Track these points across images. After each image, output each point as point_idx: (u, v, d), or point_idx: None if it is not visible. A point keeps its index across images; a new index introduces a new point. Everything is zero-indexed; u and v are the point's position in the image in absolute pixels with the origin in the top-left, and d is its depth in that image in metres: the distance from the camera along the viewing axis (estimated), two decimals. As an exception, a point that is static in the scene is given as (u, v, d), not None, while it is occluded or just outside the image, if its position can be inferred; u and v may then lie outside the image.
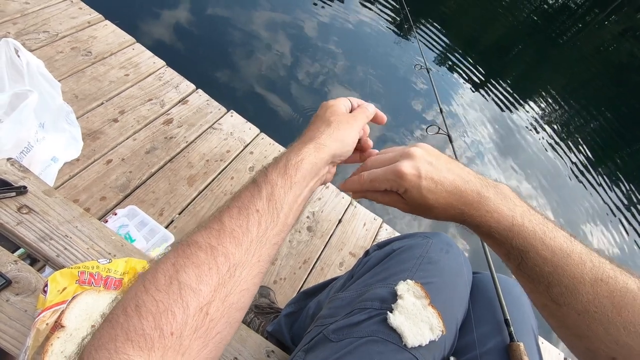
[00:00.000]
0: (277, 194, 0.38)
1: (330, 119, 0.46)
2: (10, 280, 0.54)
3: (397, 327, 0.49)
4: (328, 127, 0.45)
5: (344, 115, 0.48)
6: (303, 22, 2.88)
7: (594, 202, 2.78)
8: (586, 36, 5.82)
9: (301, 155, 0.41)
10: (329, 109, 0.48)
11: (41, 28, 1.45)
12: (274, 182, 0.38)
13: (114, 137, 1.29)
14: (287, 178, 0.39)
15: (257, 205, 0.37)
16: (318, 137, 0.44)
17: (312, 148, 0.42)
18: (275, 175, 0.39)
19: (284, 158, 0.41)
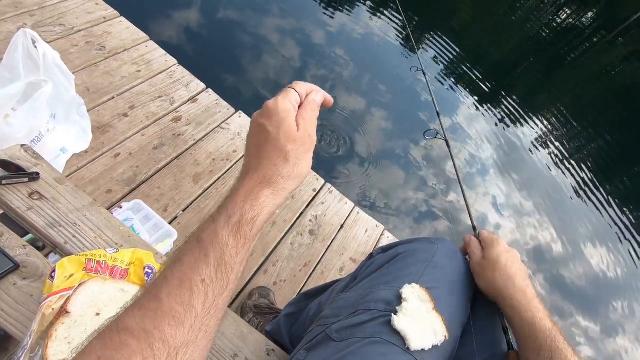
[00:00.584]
0: (228, 258, 0.32)
1: (286, 148, 0.38)
2: (18, 264, 0.54)
3: (401, 330, 0.50)
4: (286, 164, 0.38)
5: (301, 137, 0.39)
6: (312, 30, 2.91)
7: (596, 222, 2.78)
8: (593, 56, 5.86)
9: (258, 209, 0.35)
10: (281, 127, 0.39)
11: (58, 21, 1.47)
12: (225, 243, 0.33)
13: (123, 132, 1.30)
14: (240, 237, 0.34)
15: (203, 273, 0.31)
16: (276, 180, 0.38)
17: (270, 195, 0.37)
18: (227, 234, 0.33)
19: (237, 211, 0.34)
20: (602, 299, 2.38)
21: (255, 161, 0.39)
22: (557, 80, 4.58)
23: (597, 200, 2.98)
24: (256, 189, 0.36)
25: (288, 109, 0.40)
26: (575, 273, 2.38)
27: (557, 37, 5.73)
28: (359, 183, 2.02)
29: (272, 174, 0.38)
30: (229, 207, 0.35)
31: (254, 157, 0.39)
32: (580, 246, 2.55)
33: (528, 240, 2.39)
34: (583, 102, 4.56)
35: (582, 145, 3.66)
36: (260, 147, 0.39)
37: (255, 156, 0.39)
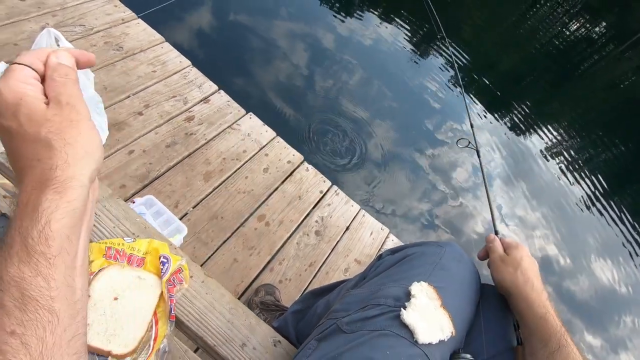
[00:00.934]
0: (34, 291, 0.26)
1: (40, 134, 0.29)
2: (42, 249, 0.57)
3: (409, 324, 0.52)
4: (52, 150, 0.29)
5: (54, 112, 0.30)
6: (323, 34, 2.96)
7: (606, 235, 2.76)
8: (604, 67, 5.84)
9: (43, 218, 0.27)
10: (20, 115, 0.29)
11: (78, 22, 1.53)
12: (18, 278, 0.26)
13: (137, 129, 1.34)
14: (38, 259, 0.27)
15: (8, 326, 0.25)
16: (51, 175, 0.28)
17: (55, 195, 0.28)
18: (15, 267, 0.26)
19: (16, 236, 0.27)
20: (609, 313, 2.36)
21: (16, 167, 0.30)
22: (567, 90, 4.58)
23: (607, 213, 2.96)
24: (31, 199, 0.28)
25: (18, 90, 0.30)
26: (582, 286, 2.36)
27: (568, 48, 5.72)
28: (365, 186, 2.04)
29: (40, 172, 0.29)
30: (6, 238, 0.28)
31: (15, 163, 0.30)
32: (589, 259, 2.54)
33: (535, 251, 2.38)
34: (593, 113, 4.54)
35: (592, 157, 3.65)
36: (11, 150, 0.30)
37: (14, 162, 0.30)
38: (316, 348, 0.54)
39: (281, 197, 1.41)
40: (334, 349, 0.51)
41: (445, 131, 2.80)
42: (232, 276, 1.17)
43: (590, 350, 2.06)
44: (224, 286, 1.11)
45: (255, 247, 1.25)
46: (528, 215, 2.58)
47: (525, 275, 0.63)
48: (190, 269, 0.67)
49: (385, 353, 0.48)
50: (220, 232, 1.24)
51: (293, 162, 1.52)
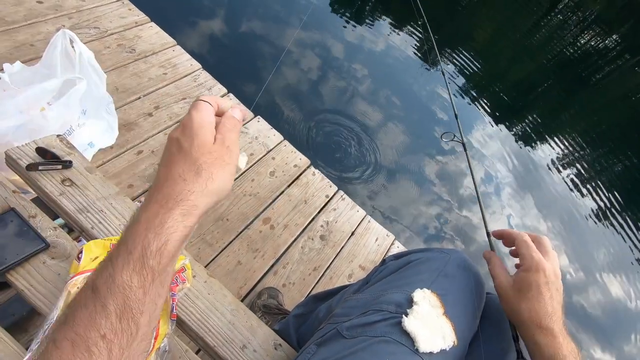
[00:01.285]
0: (133, 301, 0.28)
1: (198, 160, 0.34)
2: (49, 244, 0.58)
3: (410, 331, 0.51)
4: (198, 177, 0.33)
5: (217, 149, 0.35)
6: (332, 42, 2.98)
7: (618, 249, 2.70)
8: (616, 79, 5.77)
9: (165, 236, 0.30)
10: (194, 139, 0.34)
11: (93, 24, 1.56)
12: (126, 285, 0.28)
13: (147, 130, 1.35)
14: (146, 273, 0.29)
15: (102, 328, 0.26)
16: (186, 196, 0.32)
17: (180, 217, 0.32)
18: (128, 274, 0.28)
19: (139, 244, 0.29)
20: (621, 329, 2.30)
21: (163, 179, 0.33)
22: (579, 101, 4.53)
23: (618, 225, 2.90)
24: (161, 212, 0.31)
25: (202, 120, 0.36)
26: (591, 301, 2.31)
27: (581, 59, 5.67)
28: (371, 192, 2.03)
29: (180, 190, 0.32)
30: (128, 241, 0.30)
31: (163, 175, 0.34)
32: (600, 273, 2.48)
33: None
34: (606, 125, 4.47)
35: (604, 169, 3.58)
36: (170, 162, 0.34)
37: (164, 174, 0.34)
38: (315, 353, 0.53)
39: (287, 200, 1.41)
40: (333, 354, 0.50)
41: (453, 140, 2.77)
42: (235, 278, 1.17)
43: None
44: (227, 288, 1.11)
45: (260, 250, 1.25)
46: (538, 226, 2.53)
47: (542, 312, 0.52)
48: (193, 269, 0.67)
49: (385, 359, 0.47)
50: (225, 234, 1.24)
51: (300, 166, 1.52)
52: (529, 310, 0.53)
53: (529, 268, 0.55)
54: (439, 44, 3.81)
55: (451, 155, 2.61)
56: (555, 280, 0.55)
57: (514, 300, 0.55)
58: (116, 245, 0.31)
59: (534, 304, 0.53)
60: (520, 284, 0.55)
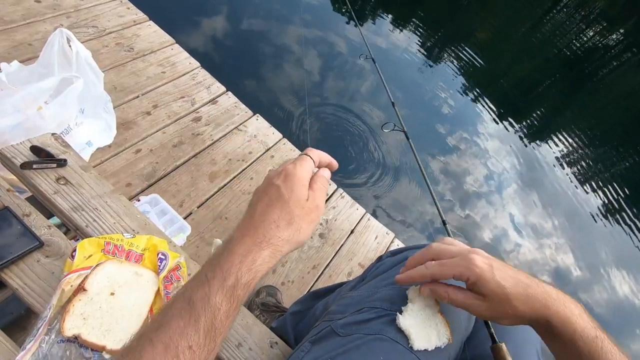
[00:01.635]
0: (219, 323, 0.32)
1: (294, 212, 0.39)
2: (43, 242, 0.58)
3: (405, 329, 0.50)
4: (289, 227, 0.38)
5: (309, 206, 0.40)
6: (332, 40, 2.97)
7: (623, 246, 2.68)
8: (620, 76, 5.72)
9: (254, 272, 0.35)
10: (294, 192, 0.39)
11: (91, 23, 1.56)
12: (217, 307, 0.32)
13: (145, 129, 1.35)
14: (232, 301, 0.33)
15: (191, 340, 0.30)
16: (276, 241, 0.37)
17: (267, 257, 0.37)
18: (220, 298, 0.32)
19: (233, 274, 0.34)
20: (627, 327, 2.28)
21: (259, 219, 0.38)
22: (582, 98, 4.50)
23: (624, 223, 2.88)
24: (254, 250, 0.36)
25: (303, 177, 0.41)
26: (597, 298, 2.29)
27: (585, 55, 5.63)
28: (370, 191, 2.02)
29: (272, 235, 0.37)
30: (224, 267, 0.34)
31: (259, 215, 0.38)
32: (605, 270, 2.47)
33: (548, 261, 2.33)
34: (610, 122, 4.44)
35: (608, 166, 3.56)
36: (268, 206, 0.39)
37: (261, 214, 0.38)
38: (309, 351, 0.53)
39: (286, 198, 1.41)
40: (327, 352, 0.49)
41: (456, 137, 2.76)
42: (234, 277, 1.16)
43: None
44: (225, 286, 1.11)
45: (258, 248, 1.25)
46: (542, 223, 2.52)
47: (521, 299, 0.43)
48: (189, 267, 0.67)
49: (378, 358, 0.47)
50: (224, 232, 1.24)
51: (298, 164, 1.52)
52: (523, 304, 0.43)
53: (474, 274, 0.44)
54: (440, 42, 3.80)
55: (453, 154, 2.60)
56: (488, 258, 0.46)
57: (507, 311, 0.44)
58: (211, 265, 0.35)
59: (512, 277, 0.44)
60: (489, 294, 0.44)
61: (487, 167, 2.67)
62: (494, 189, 2.56)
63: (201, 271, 0.35)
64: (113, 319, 0.54)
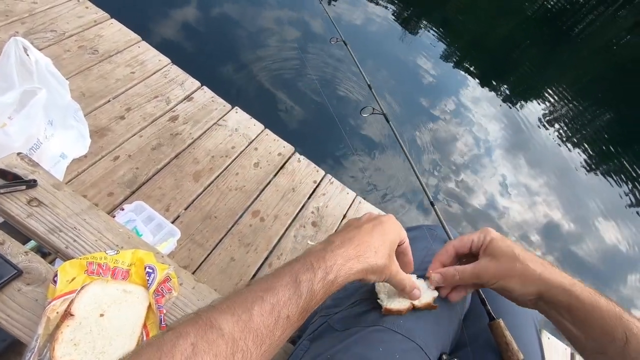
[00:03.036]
0: (311, 306, 0.37)
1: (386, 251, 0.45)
2: (21, 270, 0.55)
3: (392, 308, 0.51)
4: (379, 258, 0.43)
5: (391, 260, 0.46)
6: (307, 22, 2.88)
7: (608, 196, 2.75)
8: (596, 30, 5.73)
9: (347, 276, 0.40)
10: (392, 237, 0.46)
11: (49, 27, 1.47)
12: (316, 293, 0.37)
13: (121, 134, 1.30)
14: (325, 294, 0.38)
15: (291, 311, 0.34)
16: (368, 262, 0.42)
17: (359, 271, 0.42)
18: (320, 286, 0.37)
19: (334, 271, 0.39)
20: (617, 274, 2.37)
21: (364, 238, 0.43)
22: (561, 56, 4.50)
23: (608, 174, 2.95)
24: (354, 259, 0.41)
25: (400, 234, 0.49)
26: (587, 249, 2.37)
27: (559, 13, 5.61)
28: (359, 171, 2.01)
29: (369, 256, 0.42)
30: (328, 262, 0.39)
31: (364, 236, 0.44)
32: (592, 221, 2.54)
33: (540, 217, 2.38)
34: (588, 78, 4.48)
35: (589, 121, 3.61)
36: (372, 233, 0.44)
37: (365, 236, 0.44)
38: (309, 349, 0.53)
39: (274, 190, 1.39)
40: (326, 349, 0.49)
41: (441, 107, 2.75)
42: (230, 275, 1.16)
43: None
44: (222, 286, 1.10)
45: (252, 244, 1.24)
46: (531, 183, 2.56)
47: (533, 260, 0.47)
48: (179, 276, 0.65)
49: (378, 350, 0.47)
50: (214, 231, 1.22)
51: (284, 154, 1.49)
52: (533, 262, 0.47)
53: (486, 238, 0.51)
54: (416, 13, 3.73)
55: (437, 122, 2.59)
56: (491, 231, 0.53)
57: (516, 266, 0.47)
58: (317, 256, 0.39)
59: (531, 257, 0.48)
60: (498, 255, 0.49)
61: (473, 133, 2.68)
62: (482, 152, 2.58)
63: (305, 258, 0.39)
64: (106, 340, 0.52)
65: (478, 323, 0.57)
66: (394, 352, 0.47)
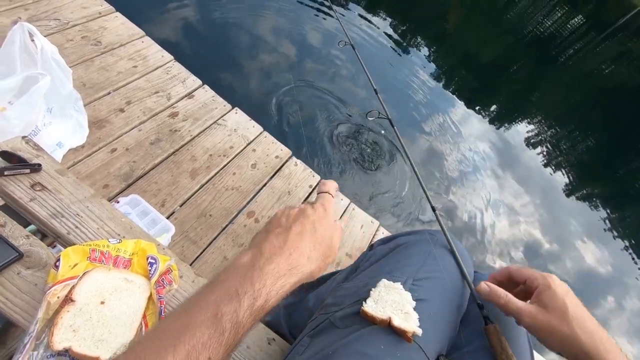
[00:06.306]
0: (239, 339, 0.33)
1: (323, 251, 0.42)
2: (22, 253, 0.55)
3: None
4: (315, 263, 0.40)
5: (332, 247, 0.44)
6: (307, 29, 2.92)
7: (588, 220, 2.84)
8: (582, 58, 5.97)
9: (280, 296, 0.36)
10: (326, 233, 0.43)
11: (52, 15, 1.46)
12: (242, 325, 0.32)
13: (119, 127, 1.30)
14: (256, 320, 0.34)
15: (212, 352, 0.30)
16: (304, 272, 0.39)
17: (293, 284, 0.38)
18: (247, 316, 0.33)
19: (264, 295, 0.34)
20: (592, 294, 2.44)
21: (293, 245, 0.39)
22: (548, 81, 4.67)
23: (589, 198, 3.05)
24: (286, 275, 0.37)
25: (330, 218, 0.45)
26: (566, 268, 2.43)
27: (548, 38, 5.82)
28: (353, 180, 2.03)
29: (303, 265, 0.39)
30: (256, 285, 0.34)
31: (293, 242, 0.39)
32: (572, 242, 2.61)
33: (522, 235, 2.44)
34: (574, 103, 4.64)
35: (573, 145, 3.74)
36: (302, 237, 0.40)
37: (295, 241, 0.40)
38: (309, 345, 0.53)
39: (270, 192, 1.39)
40: (327, 346, 0.50)
41: (431, 122, 2.81)
42: (222, 274, 1.15)
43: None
44: (215, 285, 1.09)
45: (246, 244, 1.24)
46: (514, 202, 2.63)
47: (585, 328, 0.45)
48: (179, 269, 0.65)
49: (379, 347, 0.48)
50: (209, 230, 1.22)
51: (281, 157, 1.50)
52: (584, 332, 0.45)
53: (546, 285, 0.49)
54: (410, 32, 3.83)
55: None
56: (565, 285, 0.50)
57: (563, 329, 0.46)
58: (243, 278, 0.34)
59: (580, 319, 0.46)
60: (551, 305, 0.47)
61: (460, 150, 2.74)
62: (469, 170, 2.64)
63: (229, 282, 0.34)
64: (105, 328, 0.52)
65: (473, 326, 0.58)
66: (395, 351, 0.48)
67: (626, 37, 8.17)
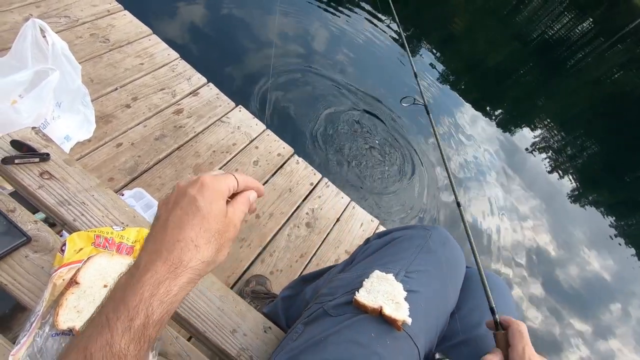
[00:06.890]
0: None
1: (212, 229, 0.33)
2: (30, 237, 0.57)
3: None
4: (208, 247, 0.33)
5: (227, 223, 0.35)
6: (313, 30, 2.95)
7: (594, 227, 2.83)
8: (590, 63, 5.94)
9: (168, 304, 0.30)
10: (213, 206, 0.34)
11: (63, 13, 1.50)
12: (123, 354, 0.27)
13: (125, 122, 1.33)
14: (143, 342, 0.28)
15: None
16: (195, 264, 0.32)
17: (185, 284, 0.31)
18: (126, 342, 0.27)
19: (142, 311, 0.28)
20: (597, 301, 2.43)
21: (173, 238, 0.32)
22: (555, 86, 4.65)
23: (595, 205, 3.04)
24: (169, 279, 0.30)
25: (223, 190, 0.35)
26: (571, 275, 2.42)
27: (556, 44, 5.80)
28: (355, 179, 2.05)
29: (191, 257, 0.32)
30: (130, 303, 0.28)
31: (173, 233, 0.32)
32: (577, 249, 2.60)
33: (527, 240, 2.43)
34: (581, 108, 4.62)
35: (580, 151, 3.72)
36: (183, 221, 0.33)
37: (175, 232, 0.32)
38: (303, 332, 0.55)
39: (271, 189, 1.42)
40: (320, 332, 0.52)
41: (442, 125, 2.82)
42: (222, 268, 1.17)
43: (580, 336, 2.12)
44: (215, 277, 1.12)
45: (246, 239, 1.26)
46: (518, 206, 2.62)
47: None
48: (180, 258, 0.67)
49: (369, 335, 0.49)
50: (210, 224, 1.24)
51: (283, 155, 1.53)
52: None
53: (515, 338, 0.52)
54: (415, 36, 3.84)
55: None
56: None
57: None
58: (114, 301, 0.29)
59: None
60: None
61: (467, 153, 2.75)
62: (473, 175, 2.64)
63: (100, 311, 0.29)
64: (107, 310, 0.54)
65: (475, 317, 0.61)
66: (385, 339, 0.49)
67: (635, 43, 8.12)
